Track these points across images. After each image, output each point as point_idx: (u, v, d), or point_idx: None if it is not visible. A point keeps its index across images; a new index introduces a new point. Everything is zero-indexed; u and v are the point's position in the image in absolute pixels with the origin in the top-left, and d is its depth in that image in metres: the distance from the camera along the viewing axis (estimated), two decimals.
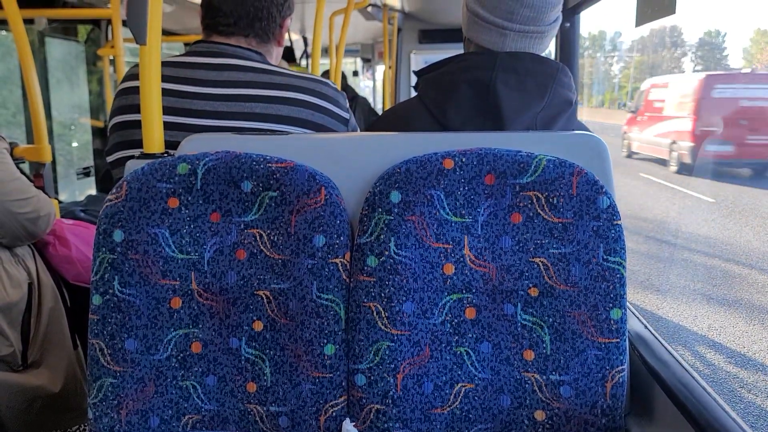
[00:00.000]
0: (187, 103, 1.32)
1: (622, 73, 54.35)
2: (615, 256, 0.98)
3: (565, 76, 1.20)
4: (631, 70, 52.19)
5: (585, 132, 1.11)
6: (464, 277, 1.01)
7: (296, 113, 1.33)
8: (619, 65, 55.80)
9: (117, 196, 1.03)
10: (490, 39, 1.20)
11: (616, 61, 55.91)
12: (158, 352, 1.03)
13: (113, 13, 2.70)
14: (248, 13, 1.38)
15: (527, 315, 1.00)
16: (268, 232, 1.04)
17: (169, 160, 1.04)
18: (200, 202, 1.04)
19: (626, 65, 54.49)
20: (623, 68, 54.78)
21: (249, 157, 1.03)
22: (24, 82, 2.29)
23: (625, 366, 1.00)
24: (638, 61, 52.85)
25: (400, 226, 1.00)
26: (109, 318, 1.02)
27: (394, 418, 1.00)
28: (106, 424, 1.03)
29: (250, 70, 1.34)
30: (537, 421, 1.01)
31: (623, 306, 0.98)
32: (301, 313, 1.01)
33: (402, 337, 1.00)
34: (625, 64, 54.99)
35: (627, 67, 53.96)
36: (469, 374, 1.02)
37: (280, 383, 1.03)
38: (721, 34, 50.08)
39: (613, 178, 1.06)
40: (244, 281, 1.03)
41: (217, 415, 1.05)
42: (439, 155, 1.02)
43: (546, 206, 0.99)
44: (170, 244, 1.03)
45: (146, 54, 1.11)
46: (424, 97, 1.24)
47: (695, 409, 0.87)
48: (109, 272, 1.02)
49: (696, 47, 51.02)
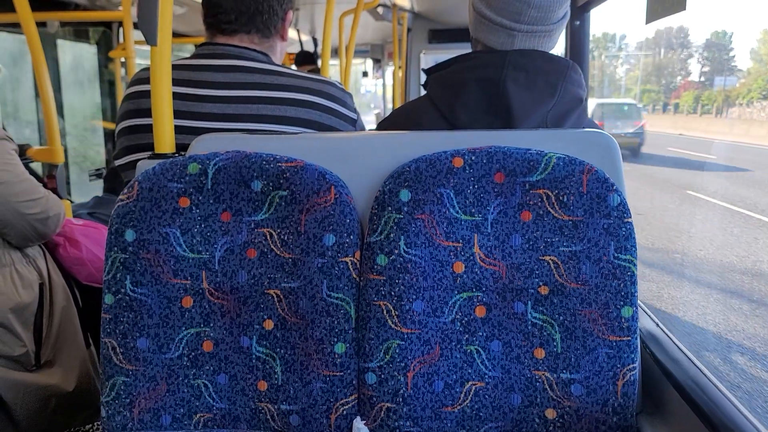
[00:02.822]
0: (194, 106, 1.32)
1: (627, 75, 53.81)
2: (626, 253, 0.98)
3: (576, 74, 1.20)
4: (639, 71, 51.65)
5: (595, 130, 1.10)
6: (474, 275, 1.01)
7: (303, 114, 1.34)
8: (624, 67, 55.20)
9: (128, 196, 1.04)
10: (499, 40, 1.20)
11: (621, 63, 55.33)
12: (170, 351, 1.04)
13: (124, 15, 2.72)
14: (249, 8, 1.37)
15: (537, 313, 1.00)
16: (279, 231, 1.04)
17: (180, 160, 1.05)
18: (211, 201, 1.04)
19: (631, 67, 53.92)
20: (628, 70, 54.20)
21: (259, 157, 1.04)
22: (36, 84, 2.32)
23: (637, 364, 0.99)
24: (645, 62, 52.29)
25: (410, 224, 1.00)
26: (121, 317, 1.03)
27: (404, 416, 1.00)
28: (118, 422, 1.04)
29: (256, 72, 1.35)
30: (548, 419, 1.00)
31: (634, 304, 0.98)
32: (311, 311, 1.02)
33: (412, 336, 1.00)
34: (630, 66, 54.38)
35: (632, 69, 53.39)
36: (480, 373, 1.01)
37: (291, 382, 1.03)
38: (728, 34, 49.62)
39: (623, 176, 1.05)
40: (255, 280, 1.04)
41: (229, 413, 1.05)
42: (449, 154, 1.02)
43: (556, 204, 0.99)
44: (181, 244, 1.04)
45: (157, 55, 1.12)
46: (433, 95, 1.24)
47: (708, 408, 0.86)
48: (121, 272, 1.03)
49: (703, 48, 50.54)
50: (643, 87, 49.90)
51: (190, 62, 1.37)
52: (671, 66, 51.16)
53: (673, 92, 49.75)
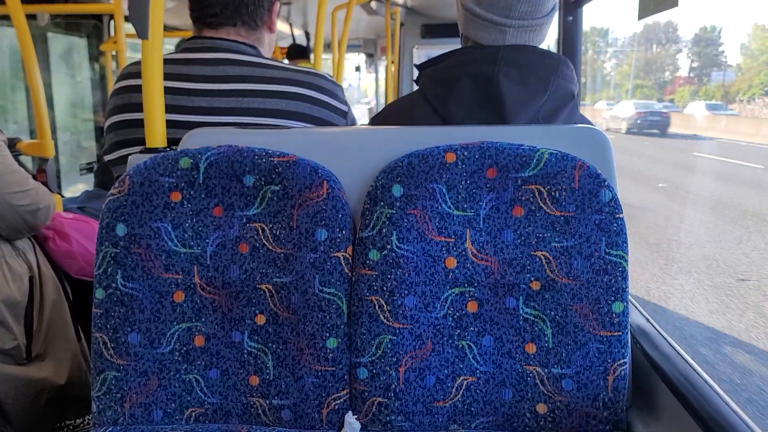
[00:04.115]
0: (184, 99, 1.31)
1: (615, 71, 53.37)
2: (617, 249, 0.98)
3: (568, 69, 1.20)
4: (630, 67, 51.27)
5: (587, 125, 1.11)
6: (466, 270, 1.01)
7: (294, 107, 1.33)
8: (611, 62, 54.80)
9: (119, 190, 1.03)
10: (489, 36, 1.20)
11: (609, 58, 54.99)
12: (161, 346, 1.04)
13: (115, 8, 2.70)
14: (234, 1, 1.36)
15: (529, 308, 1.00)
16: (271, 226, 1.04)
17: (172, 155, 1.04)
18: (202, 196, 1.04)
19: (619, 62, 53.56)
20: (616, 65, 53.78)
21: (251, 151, 1.04)
22: (27, 77, 2.30)
23: (627, 359, 1.00)
24: (635, 57, 51.92)
25: (402, 219, 1.00)
26: (112, 312, 1.02)
27: (396, 411, 1.01)
28: (109, 417, 1.03)
29: (245, 64, 1.34)
30: (539, 414, 1.01)
31: (625, 299, 0.99)
32: (303, 306, 1.02)
33: (404, 331, 1.00)
34: (618, 61, 53.99)
35: (620, 64, 53.02)
36: (471, 367, 1.02)
37: (283, 377, 1.03)
38: (716, 29, 49.47)
39: (615, 172, 1.06)
40: (247, 275, 1.04)
41: (220, 408, 1.05)
42: (441, 149, 1.02)
43: (548, 200, 0.99)
44: (173, 238, 1.03)
45: (148, 49, 1.11)
46: (425, 90, 1.24)
47: (697, 402, 0.87)
48: (112, 266, 1.02)
49: (692, 43, 50.34)
50: (636, 82, 49.67)
51: (179, 56, 1.36)
52: (660, 61, 50.97)
53: (667, 87, 48.88)
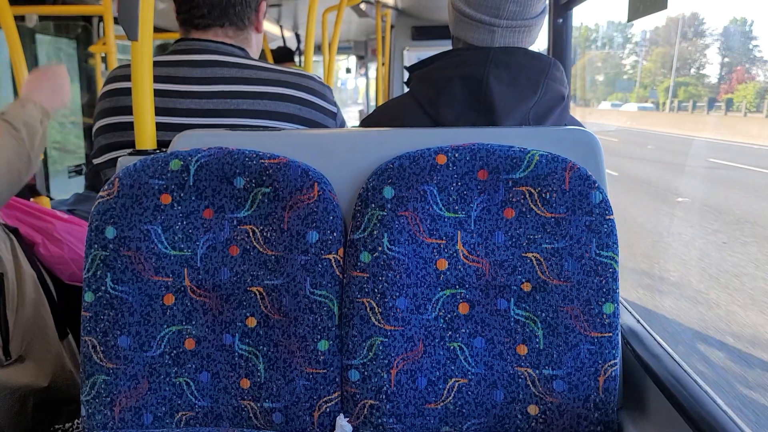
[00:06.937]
0: (173, 102, 1.30)
1: (636, 68, 50.71)
2: (607, 250, 0.99)
3: (558, 71, 1.20)
4: (654, 63, 48.48)
5: (578, 127, 1.11)
6: (457, 272, 1.02)
7: (283, 108, 1.33)
8: (630, 59, 52.68)
9: (109, 192, 1.02)
10: (479, 36, 1.20)
11: (627, 54, 53.03)
12: (151, 349, 1.03)
13: (105, 9, 2.68)
14: (221, 1, 1.36)
15: (520, 310, 1.01)
16: (261, 228, 1.03)
17: (161, 157, 1.04)
18: (193, 198, 1.03)
19: (640, 58, 51.14)
20: (636, 62, 51.64)
21: (241, 153, 1.03)
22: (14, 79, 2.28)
23: (618, 360, 1.00)
24: (659, 53, 49.48)
25: (394, 221, 1.00)
26: (101, 315, 1.02)
27: (387, 413, 1.00)
28: (99, 421, 1.03)
29: (234, 66, 1.33)
30: (530, 415, 1.01)
31: (616, 300, 0.99)
32: (294, 309, 1.01)
33: (395, 333, 1.00)
34: (637, 57, 51.81)
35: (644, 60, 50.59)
36: (463, 369, 1.02)
37: (274, 379, 1.03)
38: (747, 22, 47.27)
39: (605, 173, 1.06)
40: (237, 277, 1.03)
41: (211, 411, 1.05)
42: (432, 151, 1.02)
43: (539, 201, 1.00)
44: (163, 241, 1.03)
45: (138, 50, 1.11)
46: (416, 92, 1.24)
47: (687, 403, 0.87)
48: (102, 269, 1.02)
49: (722, 37, 47.83)
50: (678, 79, 45.29)
51: (167, 58, 1.35)
52: (689, 56, 48.61)
53: (722, 85, 43.65)
